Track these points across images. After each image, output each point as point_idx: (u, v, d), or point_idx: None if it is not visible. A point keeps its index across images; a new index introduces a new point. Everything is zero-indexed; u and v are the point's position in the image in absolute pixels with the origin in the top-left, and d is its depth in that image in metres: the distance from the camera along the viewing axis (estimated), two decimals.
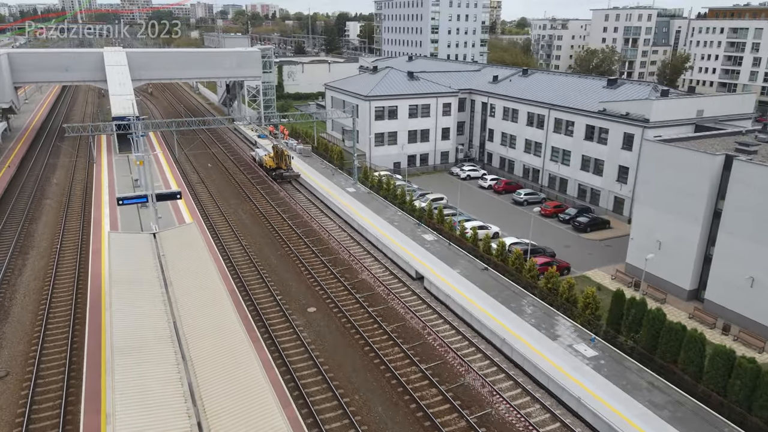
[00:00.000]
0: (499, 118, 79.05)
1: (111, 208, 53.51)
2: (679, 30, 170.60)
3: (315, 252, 47.29)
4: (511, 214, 63.90)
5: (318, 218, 55.66)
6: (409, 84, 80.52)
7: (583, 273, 48.03)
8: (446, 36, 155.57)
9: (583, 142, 64.89)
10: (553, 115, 69.11)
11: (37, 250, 47.17)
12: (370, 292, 40.69)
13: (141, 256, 35.25)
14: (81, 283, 41.15)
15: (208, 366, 24.20)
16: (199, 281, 33.30)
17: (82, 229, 51.27)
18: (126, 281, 31.62)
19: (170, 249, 37.10)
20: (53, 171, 72.10)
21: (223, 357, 25.14)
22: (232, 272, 42.59)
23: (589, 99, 66.27)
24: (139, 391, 22.07)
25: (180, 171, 69.47)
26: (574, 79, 75.01)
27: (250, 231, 52.44)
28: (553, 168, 69.87)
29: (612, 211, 61.98)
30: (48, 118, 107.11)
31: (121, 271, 32.82)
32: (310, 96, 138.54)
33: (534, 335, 33.36)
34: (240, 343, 26.31)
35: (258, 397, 22.48)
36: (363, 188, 63.01)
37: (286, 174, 69.30)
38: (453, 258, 44.51)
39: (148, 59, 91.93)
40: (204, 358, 24.80)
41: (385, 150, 77.87)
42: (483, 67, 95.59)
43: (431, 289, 40.52)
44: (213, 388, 22.77)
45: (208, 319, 28.45)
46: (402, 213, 54.89)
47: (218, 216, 55.93)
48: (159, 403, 21.63)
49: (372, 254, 47.17)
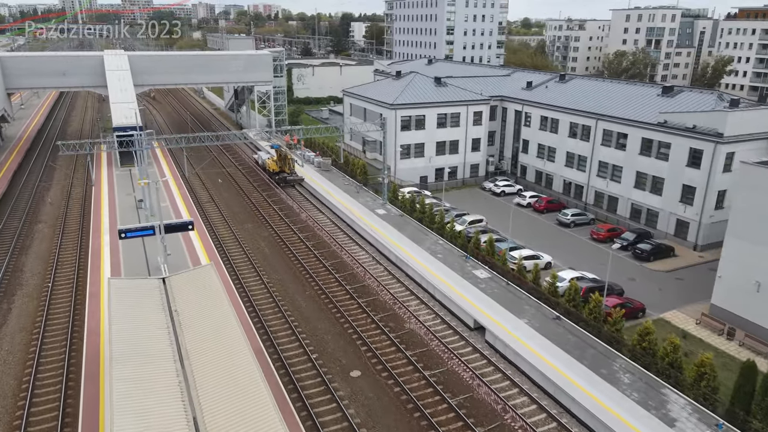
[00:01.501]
0: (535, 128, 72.25)
1: (111, 235, 46.76)
2: (703, 31, 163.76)
3: (349, 292, 40.49)
4: (557, 237, 57.17)
5: (347, 247, 48.86)
6: (437, 91, 73.76)
7: (660, 315, 41.25)
8: (462, 37, 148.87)
9: (638, 156, 58.08)
10: (601, 126, 62.30)
11: (26, 291, 40.42)
12: (423, 348, 33.91)
13: (148, 315, 28.50)
14: (76, 334, 34.46)
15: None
16: (222, 347, 26.49)
17: (79, 263, 44.51)
18: (129, 355, 24.88)
19: (184, 302, 30.38)
20: (48, 186, 65.42)
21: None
22: (254, 319, 35.84)
23: (643, 109, 59.46)
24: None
25: (187, 187, 62.66)
26: (621, 85, 68.20)
27: (271, 264, 45.67)
28: (600, 185, 63.06)
29: (673, 235, 55.20)
30: (45, 125, 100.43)
31: (124, 340, 26.07)
32: (321, 100, 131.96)
33: (643, 418, 26.56)
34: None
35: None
36: (394, 210, 56.24)
37: (290, 178, 66.27)
38: (515, 302, 37.72)
39: (152, 63, 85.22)
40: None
41: (411, 163, 71.11)
42: (513, 71, 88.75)
43: (496, 344, 33.75)
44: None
45: (238, 416, 21.69)
46: (443, 242, 48.09)
47: (234, 244, 49.16)
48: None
49: (417, 295, 40.35)
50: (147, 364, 24.76)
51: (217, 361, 25.30)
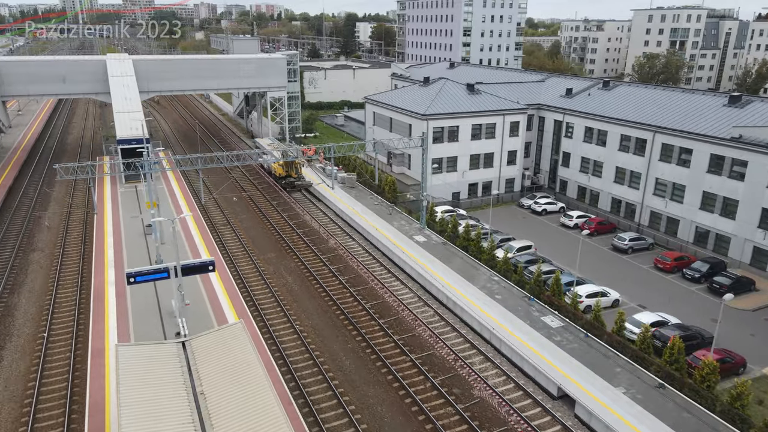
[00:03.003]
0: (578, 139, 66.02)
1: (117, 270, 40.64)
2: (729, 32, 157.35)
3: (399, 345, 34.20)
4: (614, 266, 50.99)
5: (387, 283, 42.60)
6: (470, 99, 67.51)
7: (763, 370, 35.05)
8: (479, 39, 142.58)
9: (706, 175, 51.85)
10: (659, 139, 56.06)
11: (16, 343, 34.20)
12: (501, 426, 27.62)
13: (166, 392, 22.45)
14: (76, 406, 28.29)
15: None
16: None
17: (79, 305, 38.32)
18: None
19: (209, 374, 24.32)
20: (45, 205, 59.22)
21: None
22: (291, 383, 29.66)
23: (710, 121, 53.26)
24: None
25: (199, 206, 56.42)
26: (678, 94, 61.88)
27: (302, 304, 39.42)
28: (657, 204, 56.83)
29: (749, 264, 48.96)
30: (43, 133, 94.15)
31: (136, 426, 20.05)
32: (333, 105, 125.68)
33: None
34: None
35: None
36: (434, 236, 49.98)
37: (298, 183, 64.68)
38: (603, 363, 31.47)
39: (158, 68, 78.92)
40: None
41: (443, 178, 64.83)
42: (547, 77, 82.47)
43: (592, 422, 27.47)
44: None
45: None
46: (499, 278, 41.80)
47: (256, 279, 42.91)
48: None
49: (480, 350, 34.02)
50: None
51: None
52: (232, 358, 25.75)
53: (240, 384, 23.95)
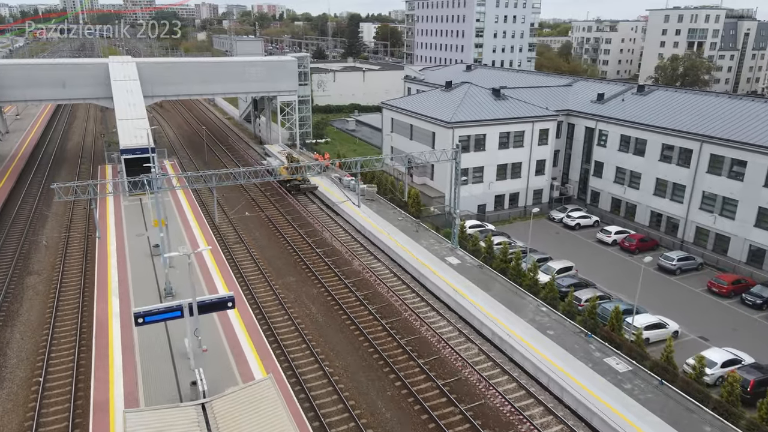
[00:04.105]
0: (613, 148, 61.75)
1: (121, 299, 36.47)
2: (747, 33, 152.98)
3: (445, 392, 29.87)
4: (663, 289, 46.78)
5: (422, 313, 38.33)
6: (497, 105, 63.23)
7: None
8: (491, 40, 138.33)
9: (763, 189, 47.61)
10: (707, 149, 51.81)
11: (8, 391, 29.96)
12: None
13: None
14: None
15: None
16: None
17: (79, 344, 34.10)
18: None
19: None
20: (43, 221, 55.05)
21: None
22: None
23: (763, 130, 49.04)
24: None
25: (210, 223, 52.12)
26: (724, 100, 57.58)
27: (330, 342, 35.14)
28: (704, 220, 52.57)
29: None
30: (42, 138, 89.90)
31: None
32: (342, 109, 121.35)
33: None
34: None
35: None
36: (468, 258, 45.68)
37: (303, 186, 62.51)
38: (687, 420, 27.17)
39: (164, 72, 74.70)
40: None
41: (468, 189, 60.47)
42: (573, 81, 78.19)
43: None
44: None
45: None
46: (547, 309, 37.53)
47: (277, 310, 38.64)
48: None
49: (538, 399, 29.65)
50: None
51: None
52: (263, 427, 21.57)
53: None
